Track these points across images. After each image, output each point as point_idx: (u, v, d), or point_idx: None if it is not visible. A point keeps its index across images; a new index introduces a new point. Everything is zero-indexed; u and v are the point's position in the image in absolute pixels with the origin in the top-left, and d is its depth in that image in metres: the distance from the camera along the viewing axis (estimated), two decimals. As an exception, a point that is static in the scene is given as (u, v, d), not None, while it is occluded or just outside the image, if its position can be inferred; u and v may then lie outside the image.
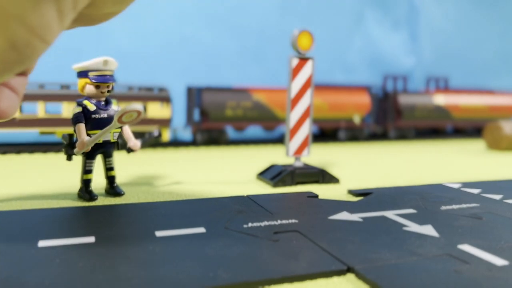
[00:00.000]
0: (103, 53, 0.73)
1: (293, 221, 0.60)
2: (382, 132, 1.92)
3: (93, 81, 0.70)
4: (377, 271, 0.44)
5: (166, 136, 1.46)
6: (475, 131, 2.07)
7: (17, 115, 1.29)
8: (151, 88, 1.45)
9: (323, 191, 0.83)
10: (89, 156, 0.72)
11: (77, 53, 1.63)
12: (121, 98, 1.34)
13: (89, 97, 0.72)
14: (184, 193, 0.79)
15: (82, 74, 0.71)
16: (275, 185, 0.86)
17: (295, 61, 0.88)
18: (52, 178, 0.93)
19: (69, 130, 0.71)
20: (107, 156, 0.75)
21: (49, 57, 1.75)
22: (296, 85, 0.89)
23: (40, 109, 1.31)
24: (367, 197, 0.75)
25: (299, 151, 0.92)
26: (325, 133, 1.82)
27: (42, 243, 0.50)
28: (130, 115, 0.68)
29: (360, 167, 1.15)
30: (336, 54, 2.05)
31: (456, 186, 0.85)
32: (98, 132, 0.70)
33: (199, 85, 1.61)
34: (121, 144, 0.75)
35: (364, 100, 1.76)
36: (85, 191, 0.73)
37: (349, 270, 0.45)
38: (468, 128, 2.06)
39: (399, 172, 1.08)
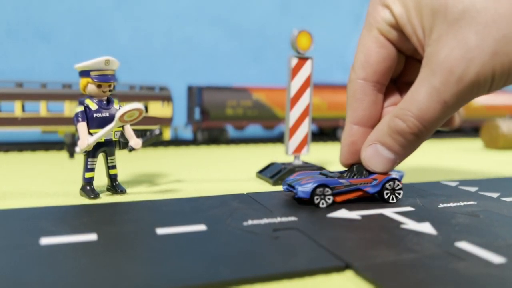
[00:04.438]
0: (105, 53, 0.74)
1: (293, 218, 0.60)
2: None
3: (95, 80, 0.71)
4: (375, 268, 0.44)
5: (167, 134, 1.47)
6: (473, 130, 2.07)
7: (19, 113, 1.30)
8: (152, 87, 1.46)
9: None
10: (91, 155, 0.73)
11: (79, 53, 1.64)
12: (123, 97, 1.35)
13: (91, 96, 0.73)
14: (184, 191, 0.80)
15: (84, 73, 0.71)
16: (275, 183, 0.87)
17: (294, 61, 0.89)
18: (54, 176, 0.93)
19: (71, 129, 0.72)
20: (109, 154, 0.76)
21: (51, 57, 1.76)
22: (296, 84, 0.90)
23: (42, 108, 1.32)
24: (365, 195, 0.75)
25: (298, 149, 0.93)
26: (324, 132, 1.83)
27: (44, 241, 0.50)
28: (132, 114, 0.69)
29: (359, 165, 1.16)
30: (335, 54, 2.06)
31: (453, 184, 0.85)
32: (100, 131, 0.71)
33: (200, 84, 1.62)
34: (123, 143, 0.76)
35: (363, 99, 1.77)
36: (87, 189, 0.73)
37: (347, 267, 0.45)
38: (465, 127, 2.07)
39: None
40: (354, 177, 0.69)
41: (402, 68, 0.72)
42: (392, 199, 0.70)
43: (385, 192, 0.70)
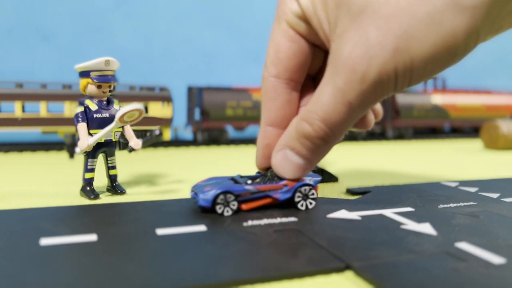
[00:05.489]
0: (105, 54, 0.74)
1: (293, 219, 0.60)
2: (380, 131, 1.93)
3: (95, 81, 0.71)
4: (376, 269, 0.44)
5: (167, 135, 1.47)
6: (473, 131, 2.08)
7: (19, 114, 1.30)
8: (152, 87, 1.46)
9: (322, 189, 0.83)
10: (91, 155, 0.73)
11: (79, 54, 1.64)
12: (123, 97, 1.35)
13: (91, 97, 0.73)
14: (184, 191, 0.80)
15: (84, 74, 0.71)
16: (275, 184, 0.86)
17: (294, 61, 0.89)
18: (54, 176, 0.93)
19: (71, 129, 0.72)
20: (109, 155, 0.76)
21: (51, 58, 1.76)
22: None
23: (42, 109, 1.32)
24: (365, 196, 0.75)
25: (298, 150, 0.92)
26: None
27: (44, 241, 0.50)
28: (132, 114, 0.69)
29: (358, 166, 1.16)
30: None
31: (453, 184, 0.85)
32: (100, 131, 0.71)
33: (200, 85, 1.62)
34: (123, 143, 0.76)
35: (363, 99, 1.77)
36: (87, 189, 0.73)
37: (347, 267, 0.45)
38: (465, 127, 2.07)
39: (397, 170, 1.09)
40: (268, 182, 0.64)
41: (321, 64, 0.66)
42: (304, 206, 0.66)
43: (297, 198, 0.65)
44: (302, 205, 0.66)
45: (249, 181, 0.66)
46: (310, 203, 0.66)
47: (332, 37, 0.56)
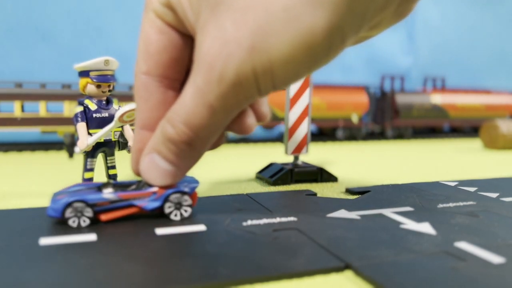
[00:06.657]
0: (104, 53, 0.74)
1: (292, 219, 0.60)
2: (379, 131, 1.93)
3: (94, 80, 0.71)
4: (375, 268, 0.44)
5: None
6: (472, 130, 2.08)
7: (19, 114, 1.30)
8: (151, 87, 1.45)
9: (322, 189, 0.83)
10: (90, 155, 0.73)
11: (78, 53, 1.64)
12: (122, 97, 1.35)
13: (90, 97, 0.73)
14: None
15: (84, 73, 0.71)
16: (274, 183, 0.87)
17: (294, 61, 0.89)
18: (54, 176, 0.93)
19: (71, 129, 0.72)
20: (108, 155, 0.76)
21: (51, 57, 1.75)
22: (295, 84, 0.90)
23: (41, 108, 1.32)
24: (365, 195, 0.75)
25: (298, 149, 0.93)
26: (324, 132, 1.83)
27: (43, 241, 0.50)
28: (131, 114, 0.69)
29: (358, 165, 1.16)
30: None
31: (453, 184, 0.86)
32: (99, 131, 0.71)
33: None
34: (122, 143, 0.76)
35: (362, 99, 1.77)
36: (87, 189, 0.73)
37: (347, 267, 0.46)
38: (465, 127, 2.07)
39: (396, 170, 1.09)
40: (139, 189, 0.59)
41: None
42: (179, 215, 0.60)
43: (168, 207, 0.59)
44: (175, 215, 0.60)
45: (110, 189, 0.59)
46: (185, 211, 0.60)
47: (196, 29, 0.49)
